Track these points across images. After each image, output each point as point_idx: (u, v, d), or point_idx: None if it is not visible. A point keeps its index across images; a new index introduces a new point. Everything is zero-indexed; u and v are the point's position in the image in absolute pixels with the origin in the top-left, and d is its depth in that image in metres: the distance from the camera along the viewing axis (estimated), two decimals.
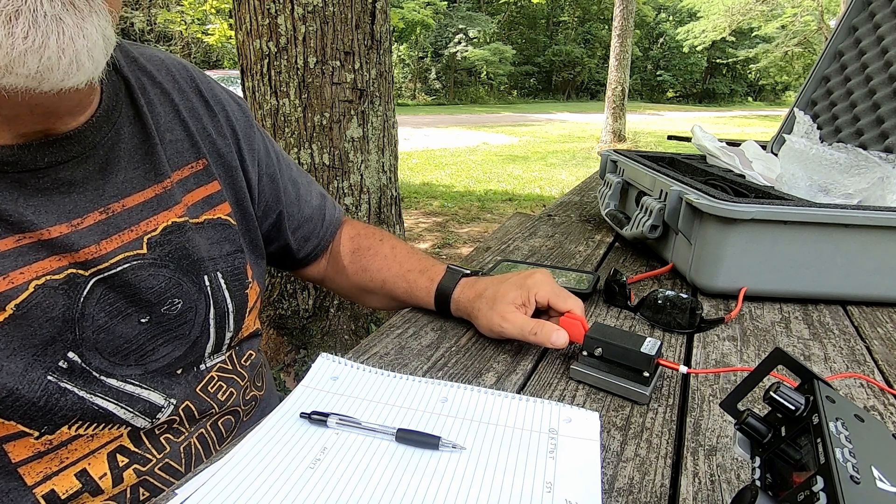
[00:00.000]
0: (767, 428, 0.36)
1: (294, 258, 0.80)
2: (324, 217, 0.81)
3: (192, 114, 0.61)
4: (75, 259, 0.47)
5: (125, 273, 0.51)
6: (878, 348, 0.73)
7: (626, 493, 0.44)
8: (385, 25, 2.27)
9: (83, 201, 0.49)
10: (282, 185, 0.74)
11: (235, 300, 0.63)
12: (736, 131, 13.64)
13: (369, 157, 2.32)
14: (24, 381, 0.45)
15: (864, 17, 1.28)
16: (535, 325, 0.62)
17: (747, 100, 35.10)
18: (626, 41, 9.92)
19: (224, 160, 0.63)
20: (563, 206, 1.47)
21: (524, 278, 0.67)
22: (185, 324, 0.57)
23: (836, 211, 0.81)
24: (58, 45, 0.38)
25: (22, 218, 0.44)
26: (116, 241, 0.51)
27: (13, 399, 0.44)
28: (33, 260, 0.45)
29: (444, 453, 0.46)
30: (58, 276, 0.46)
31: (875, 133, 1.21)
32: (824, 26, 18.67)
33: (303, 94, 2.12)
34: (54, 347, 0.47)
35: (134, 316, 0.52)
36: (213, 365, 0.63)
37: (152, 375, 0.55)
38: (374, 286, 0.79)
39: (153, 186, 0.54)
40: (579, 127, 14.27)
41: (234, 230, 0.63)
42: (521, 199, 5.61)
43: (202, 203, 0.60)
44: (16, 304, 0.44)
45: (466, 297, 0.69)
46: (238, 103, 0.69)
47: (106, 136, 0.51)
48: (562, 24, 32.10)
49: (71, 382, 0.48)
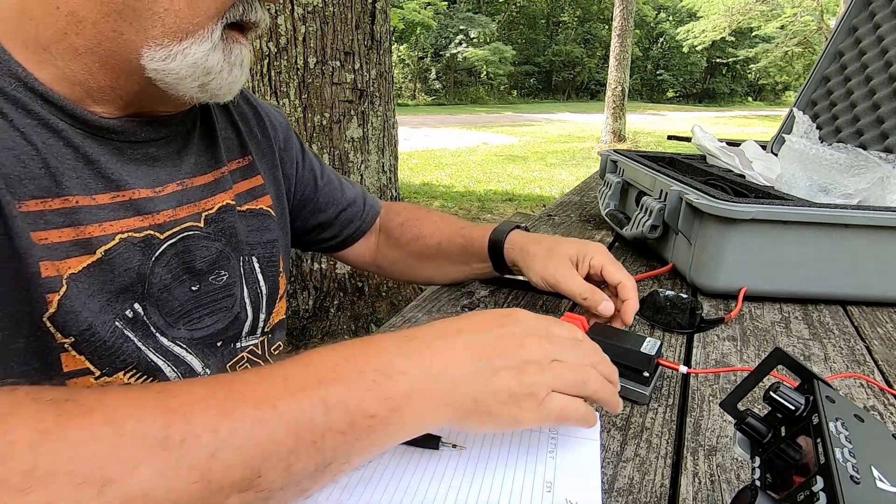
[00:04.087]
0: (767, 428, 0.36)
1: (341, 239, 0.86)
2: (365, 200, 0.88)
3: (241, 117, 0.69)
4: (154, 221, 0.54)
5: (187, 240, 0.57)
6: (878, 348, 0.73)
7: (626, 493, 0.44)
8: (385, 25, 2.27)
9: (164, 174, 0.56)
10: (325, 176, 0.82)
11: (268, 283, 0.68)
12: (736, 131, 13.64)
13: (369, 157, 2.32)
14: (99, 320, 0.50)
15: (864, 17, 1.28)
16: (587, 289, 0.64)
17: (747, 100, 35.09)
18: (626, 41, 9.92)
19: (266, 158, 0.71)
20: (563, 206, 1.47)
21: (584, 242, 0.71)
22: (229, 297, 0.62)
23: (836, 211, 0.81)
24: (239, 83, 0.53)
25: (120, 178, 0.51)
26: (186, 210, 0.58)
27: (90, 334, 0.49)
28: (122, 216, 0.51)
29: (444, 453, 0.46)
30: (137, 235, 0.53)
31: (875, 133, 1.21)
32: (824, 26, 18.68)
33: (303, 94, 2.12)
34: (125, 296, 0.52)
35: (187, 283, 0.58)
36: (246, 345, 0.66)
37: (196, 343, 0.59)
38: (430, 250, 0.84)
39: (213, 172, 0.62)
40: (579, 127, 14.27)
41: (273, 220, 0.69)
42: (521, 199, 5.61)
43: (246, 194, 0.67)
44: (104, 250, 0.50)
45: (522, 241, 0.74)
46: (277, 111, 0.78)
47: (186, 126, 0.59)
48: (562, 24, 32.10)
49: (132, 332, 0.53)
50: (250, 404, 0.33)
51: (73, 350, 0.49)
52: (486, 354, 0.41)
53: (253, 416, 0.33)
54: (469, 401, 0.40)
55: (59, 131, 0.47)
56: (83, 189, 0.49)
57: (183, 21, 0.46)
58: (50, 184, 0.47)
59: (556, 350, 0.43)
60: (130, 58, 0.47)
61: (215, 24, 0.48)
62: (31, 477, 0.27)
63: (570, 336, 0.46)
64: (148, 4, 0.45)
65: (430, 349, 0.40)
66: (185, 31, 0.47)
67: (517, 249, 0.74)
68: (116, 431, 0.30)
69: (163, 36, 0.46)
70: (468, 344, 0.41)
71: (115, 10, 0.45)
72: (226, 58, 0.50)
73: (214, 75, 0.50)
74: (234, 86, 0.53)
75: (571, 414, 0.42)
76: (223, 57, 0.50)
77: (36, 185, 0.46)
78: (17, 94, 0.45)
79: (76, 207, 0.48)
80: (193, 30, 0.47)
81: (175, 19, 0.46)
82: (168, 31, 0.46)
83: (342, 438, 0.35)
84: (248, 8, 0.50)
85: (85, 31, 0.45)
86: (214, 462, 0.31)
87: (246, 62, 0.54)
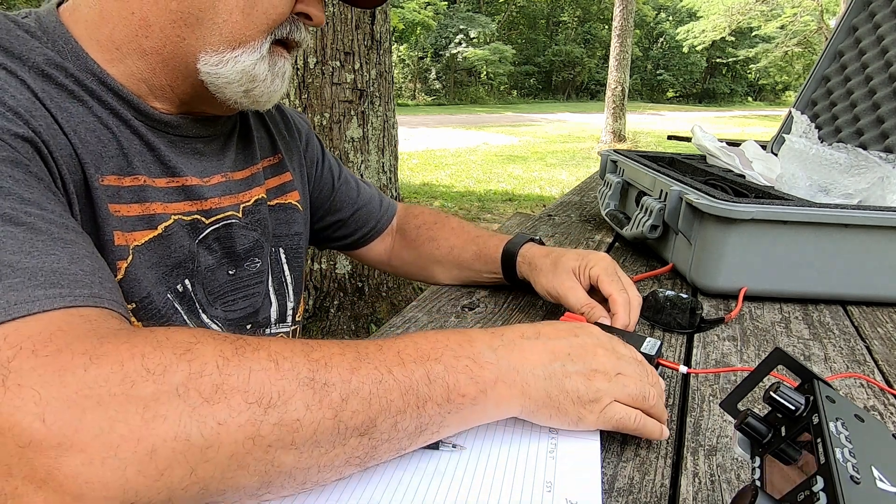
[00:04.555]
0: (767, 428, 0.36)
1: (356, 238, 0.90)
2: (382, 202, 0.92)
3: (271, 120, 0.75)
4: (202, 207, 0.60)
5: (228, 227, 0.63)
6: (878, 348, 0.73)
7: (626, 493, 0.44)
8: (385, 26, 2.27)
9: (210, 166, 0.62)
10: (342, 177, 0.87)
11: (294, 273, 0.74)
12: (736, 131, 13.64)
13: (369, 157, 2.32)
14: (156, 290, 0.56)
15: (864, 17, 1.28)
16: (587, 304, 0.66)
17: (747, 100, 35.07)
18: (626, 41, 9.92)
19: (294, 157, 0.77)
20: (563, 206, 1.47)
21: (587, 252, 0.73)
22: (260, 284, 0.68)
23: (836, 211, 0.81)
24: (279, 93, 0.59)
25: (175, 165, 0.58)
26: (228, 200, 0.63)
27: (148, 301, 0.55)
28: (175, 199, 0.58)
29: (444, 453, 0.46)
30: (186, 218, 0.59)
31: (875, 133, 1.21)
32: (824, 26, 18.67)
33: (303, 94, 2.12)
34: (177, 272, 0.58)
35: (226, 266, 0.64)
36: (276, 333, 0.71)
37: (229, 324, 0.65)
38: (442, 254, 0.87)
39: (250, 168, 0.68)
40: (579, 127, 14.26)
41: (300, 214, 0.75)
42: (521, 199, 5.61)
43: (276, 189, 0.72)
44: (164, 226, 0.56)
45: (531, 255, 0.76)
46: (301, 116, 0.85)
47: (227, 128, 0.66)
48: (562, 24, 32.08)
49: (181, 305, 0.59)
50: (373, 366, 0.40)
51: (133, 316, 0.54)
52: (561, 357, 0.47)
53: (374, 377, 0.39)
54: (543, 395, 0.46)
55: (126, 120, 0.54)
56: (147, 171, 0.55)
57: (238, 32, 0.53)
58: (123, 163, 0.53)
59: (622, 364, 0.49)
60: (189, 61, 0.53)
61: (265, 38, 0.54)
62: (219, 391, 0.34)
63: (632, 355, 0.51)
64: (210, 15, 0.51)
65: (514, 346, 0.47)
66: (239, 41, 0.53)
67: (526, 264, 0.76)
68: (277, 367, 0.36)
69: (219, 43, 0.53)
70: (546, 346, 0.48)
71: (181, 18, 0.51)
72: (270, 68, 0.56)
73: (259, 83, 0.56)
74: (274, 94, 0.59)
75: (629, 423, 0.48)
76: (268, 67, 0.56)
77: (114, 163, 0.52)
78: (93, 86, 0.51)
79: (143, 186, 0.55)
80: (246, 41, 0.53)
81: (231, 30, 0.52)
82: (224, 40, 0.53)
83: (438, 409, 0.41)
84: (294, 28, 0.57)
85: (153, 35, 0.52)
86: (345, 406, 0.37)
87: (287, 75, 0.60)
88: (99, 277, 0.41)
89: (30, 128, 0.44)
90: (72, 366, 0.32)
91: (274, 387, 0.35)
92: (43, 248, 0.39)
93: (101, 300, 0.40)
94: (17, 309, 0.35)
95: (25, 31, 0.49)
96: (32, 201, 0.41)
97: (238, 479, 0.34)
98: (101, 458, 0.30)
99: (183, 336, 0.36)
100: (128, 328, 0.39)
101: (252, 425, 0.34)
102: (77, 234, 0.43)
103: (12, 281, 0.36)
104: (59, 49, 0.50)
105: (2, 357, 0.32)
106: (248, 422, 0.34)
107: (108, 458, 0.30)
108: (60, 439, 0.30)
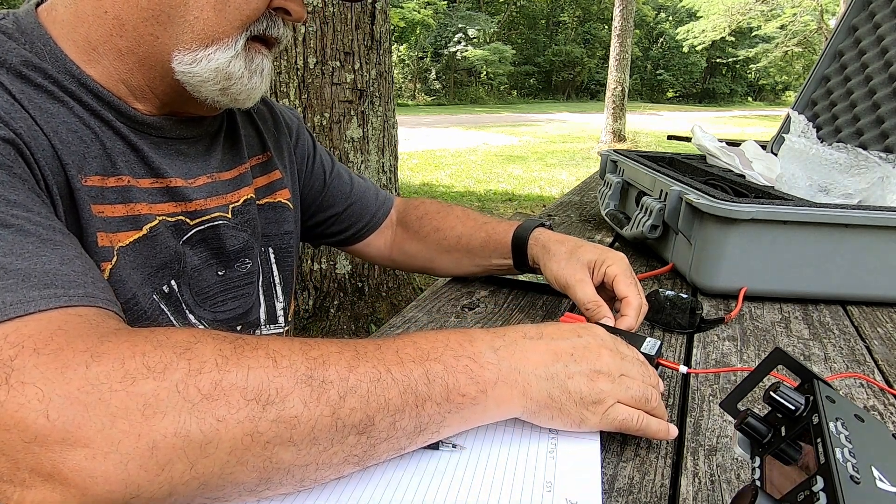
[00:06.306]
0: (767, 428, 0.36)
1: (352, 233, 0.88)
2: (377, 196, 0.89)
3: (259, 116, 0.73)
4: (186, 208, 0.59)
5: (216, 229, 0.62)
6: (878, 348, 0.73)
7: (626, 493, 0.44)
8: (385, 25, 2.27)
9: (195, 167, 0.61)
10: (335, 171, 0.85)
11: (283, 273, 0.73)
12: (736, 131, 13.63)
13: (369, 157, 2.32)
14: (141, 291, 0.55)
15: (864, 17, 1.27)
16: (594, 301, 0.65)
17: (747, 100, 35.06)
18: (626, 41, 9.92)
19: (283, 153, 0.75)
20: (563, 206, 1.47)
21: (606, 249, 0.71)
22: (250, 284, 0.67)
23: (836, 211, 0.81)
24: (259, 90, 0.58)
25: (159, 166, 0.57)
26: (215, 202, 0.63)
27: (133, 303, 0.54)
28: (160, 200, 0.57)
29: (444, 453, 0.46)
30: (171, 219, 0.58)
31: (875, 133, 1.21)
32: (824, 26, 18.68)
33: (303, 94, 2.12)
34: (163, 273, 0.58)
35: (214, 267, 0.63)
36: (267, 334, 0.70)
37: (218, 325, 0.64)
38: (450, 243, 0.84)
39: (238, 167, 0.67)
40: (579, 127, 14.26)
41: (291, 213, 0.74)
42: (521, 199, 5.61)
43: (265, 188, 0.71)
44: (149, 227, 0.56)
45: (546, 239, 0.74)
46: (290, 111, 0.83)
47: (213, 128, 0.65)
48: (562, 24, 32.08)
49: (167, 306, 0.58)
50: (371, 365, 0.40)
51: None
52: (564, 358, 0.47)
53: (373, 375, 0.39)
54: (545, 396, 0.46)
55: (108, 121, 0.53)
56: (132, 172, 0.55)
57: (210, 29, 0.52)
58: (107, 163, 0.53)
59: (625, 366, 0.49)
60: (164, 60, 0.52)
61: (240, 34, 0.53)
62: (218, 387, 0.34)
63: (635, 356, 0.51)
64: (181, 12, 0.50)
65: (516, 346, 0.47)
66: (212, 39, 0.52)
67: (539, 246, 0.74)
68: (276, 364, 0.37)
69: (192, 41, 0.52)
70: (549, 346, 0.47)
71: (152, 16, 0.50)
72: (247, 66, 0.55)
73: (235, 81, 0.55)
74: (253, 92, 0.57)
75: (631, 424, 0.47)
76: (244, 65, 0.55)
77: (97, 164, 0.52)
78: (72, 87, 0.51)
79: (127, 187, 0.54)
80: (219, 38, 0.52)
81: (203, 27, 0.51)
82: (196, 38, 0.52)
83: (437, 409, 0.41)
84: (272, 24, 0.55)
85: (127, 34, 0.51)
86: (343, 403, 0.37)
87: (266, 72, 0.58)
88: (91, 278, 0.42)
89: (10, 129, 0.44)
90: (74, 363, 0.33)
91: (272, 384, 0.36)
92: (33, 251, 0.39)
93: (96, 300, 0.40)
94: (13, 309, 0.35)
95: (2, 33, 0.49)
96: (19, 203, 0.41)
97: (237, 474, 0.35)
98: (104, 453, 0.31)
99: (183, 336, 0.37)
100: (126, 327, 0.39)
101: (250, 422, 0.34)
102: (64, 235, 0.44)
103: (6, 283, 0.36)
104: (36, 50, 0.50)
105: (4, 356, 0.33)
106: (246, 418, 0.34)
107: (111, 452, 0.31)
108: (64, 434, 0.31)
